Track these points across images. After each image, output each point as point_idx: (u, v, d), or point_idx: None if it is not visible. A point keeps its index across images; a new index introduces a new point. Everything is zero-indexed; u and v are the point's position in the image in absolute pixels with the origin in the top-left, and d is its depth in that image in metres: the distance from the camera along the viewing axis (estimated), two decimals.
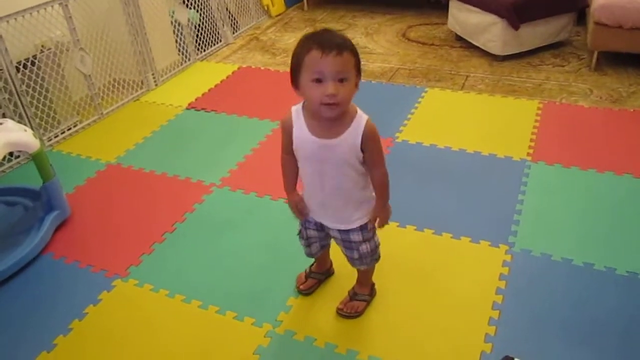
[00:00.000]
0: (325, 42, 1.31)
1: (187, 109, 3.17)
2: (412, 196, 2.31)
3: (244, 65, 3.72)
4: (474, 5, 3.58)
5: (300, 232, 1.74)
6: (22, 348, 1.76)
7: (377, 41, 4.02)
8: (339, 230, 1.61)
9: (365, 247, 1.63)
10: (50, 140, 2.91)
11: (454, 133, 2.73)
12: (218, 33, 4.09)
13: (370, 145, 1.45)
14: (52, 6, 2.82)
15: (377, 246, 1.68)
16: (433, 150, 2.62)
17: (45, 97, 2.85)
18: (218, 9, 4.05)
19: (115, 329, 1.80)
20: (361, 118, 1.45)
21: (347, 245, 1.64)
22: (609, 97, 3.03)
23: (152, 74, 3.45)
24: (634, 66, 3.32)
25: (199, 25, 3.89)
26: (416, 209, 2.23)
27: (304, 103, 1.47)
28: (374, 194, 1.57)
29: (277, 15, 4.71)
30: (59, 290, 2.00)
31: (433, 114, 2.93)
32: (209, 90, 3.37)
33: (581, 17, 3.74)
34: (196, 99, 3.25)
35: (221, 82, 3.47)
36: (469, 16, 3.65)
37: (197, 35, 3.89)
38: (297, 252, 2.02)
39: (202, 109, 3.15)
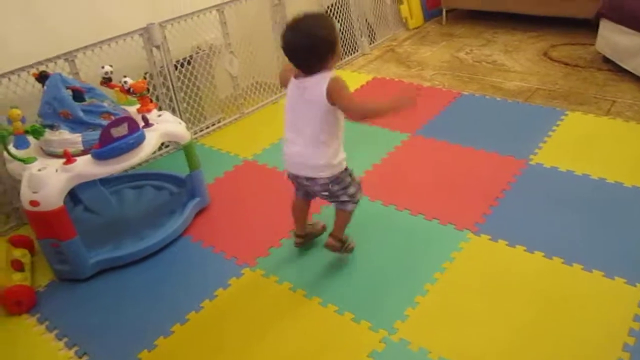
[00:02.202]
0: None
1: None
2: (542, 221, 2.23)
3: (379, 76, 3.79)
4: (628, 27, 3.36)
5: (360, 186, 2.04)
6: (157, 318, 1.96)
7: (517, 59, 3.90)
8: None
9: None
10: (196, 133, 3.17)
11: (594, 160, 2.59)
12: (355, 43, 4.20)
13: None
14: (210, 11, 3.07)
15: None
16: (569, 176, 2.50)
17: (196, 95, 3.12)
18: (357, 19, 4.16)
19: (241, 312, 1.94)
20: None
21: None
22: None
23: None
24: None
25: (339, 33, 4.02)
26: (546, 235, 2.15)
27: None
28: None
29: (414, 28, 4.74)
30: (194, 270, 2.18)
31: (572, 139, 2.80)
32: None
33: None
34: None
35: (355, 90, 3.57)
36: (621, 38, 3.43)
37: None
38: (420, 264, 2.05)
39: None
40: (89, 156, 2.05)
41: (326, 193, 1.97)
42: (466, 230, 2.21)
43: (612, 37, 3.55)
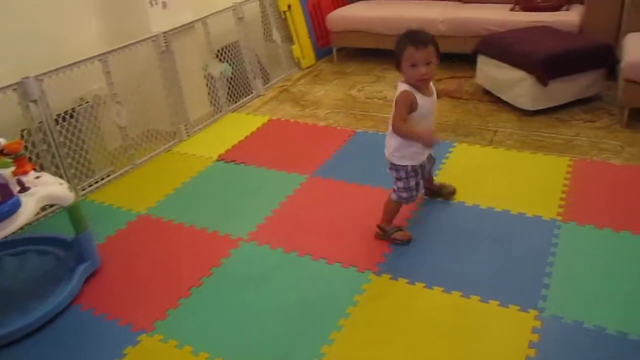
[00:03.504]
0: (416, 40, 2.08)
1: (217, 160, 3.23)
2: (439, 256, 2.29)
3: (274, 117, 3.80)
4: (501, 61, 3.61)
5: (415, 187, 2.34)
6: None
7: None
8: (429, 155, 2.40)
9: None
10: (84, 189, 2.99)
11: (482, 190, 2.71)
12: (249, 85, 4.20)
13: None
14: (92, 62, 2.94)
15: None
16: (460, 208, 2.60)
17: (82, 148, 2.95)
18: (250, 62, 4.16)
19: None
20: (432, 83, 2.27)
21: (429, 158, 2.45)
22: None
23: (185, 125, 3.54)
24: None
25: (231, 77, 4.00)
26: (444, 270, 2.20)
27: (405, 81, 2.18)
28: None
29: (307, 67, 4.82)
30: (85, 343, 2.02)
31: (461, 170, 2.93)
32: (239, 142, 3.44)
33: (611, 71, 3.72)
34: (226, 151, 3.32)
35: (251, 134, 3.54)
36: (498, 71, 3.68)
37: (229, 87, 4.00)
38: (324, 311, 2.02)
39: (232, 161, 3.21)
40: None
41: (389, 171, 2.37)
42: (368, 272, 2.22)
43: (488, 71, 3.80)
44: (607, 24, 3.90)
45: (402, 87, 2.18)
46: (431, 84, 2.25)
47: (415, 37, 2.09)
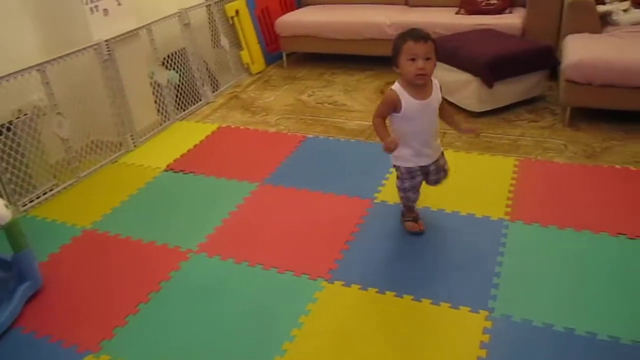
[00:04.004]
0: (415, 35, 2.07)
1: (165, 170, 3.16)
2: (391, 260, 2.30)
3: (224, 125, 3.74)
4: (448, 64, 3.67)
5: (410, 188, 2.34)
6: None
7: (356, 98, 4.08)
8: (434, 162, 2.32)
9: (447, 164, 2.41)
10: (25, 205, 2.86)
11: (433, 193, 2.72)
12: (198, 92, 4.13)
13: (442, 96, 2.24)
14: (29, 72, 2.83)
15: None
16: None
17: (21, 162, 2.83)
18: (198, 68, 4.10)
19: None
20: (436, 81, 2.22)
21: (439, 169, 2.37)
22: (583, 153, 3.08)
23: (131, 135, 3.45)
24: (606, 121, 3.39)
25: (179, 85, 3.93)
26: (396, 274, 2.21)
27: (399, 81, 2.17)
28: None
29: (257, 73, 4.78)
30: None
31: None
32: (188, 151, 3.37)
33: (553, 72, 3.83)
34: (175, 161, 3.25)
35: (200, 142, 3.48)
36: (445, 74, 3.73)
37: (177, 95, 3.92)
38: (276, 322, 1.99)
39: (181, 170, 3.14)
40: None
41: None
42: (320, 279, 2.21)
43: (436, 73, 3.84)
44: (548, 27, 4.02)
45: (394, 85, 2.18)
46: (436, 85, 2.21)
47: (415, 32, 2.09)
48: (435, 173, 2.36)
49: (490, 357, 1.81)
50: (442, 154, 2.39)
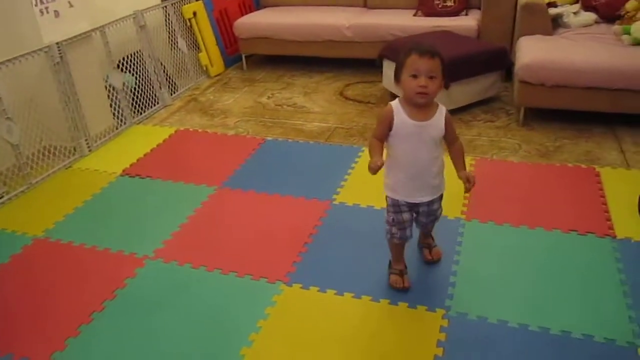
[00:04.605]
0: (421, 49, 1.81)
1: (121, 175, 3.09)
2: (348, 261, 2.30)
3: (182, 128, 3.69)
4: None
5: (393, 223, 2.05)
6: None
7: (315, 100, 4.08)
8: (427, 202, 2.02)
9: (440, 210, 2.12)
10: None
11: None
12: (155, 95, 4.06)
13: (449, 126, 1.95)
14: None
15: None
16: (371, 212, 2.63)
17: None
18: (155, 71, 4.03)
19: None
20: (442, 108, 1.94)
21: (431, 213, 2.08)
22: (537, 152, 3.16)
23: (85, 140, 3.36)
24: (558, 121, 3.48)
25: (135, 88, 3.85)
26: (353, 275, 2.21)
27: (400, 99, 1.92)
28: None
29: (216, 76, 4.73)
30: None
31: (370, 175, 2.95)
32: (145, 155, 3.31)
33: (509, 73, 3.92)
34: (131, 165, 3.18)
35: (157, 146, 3.42)
36: None
37: (134, 99, 3.84)
38: (234, 327, 1.97)
39: (137, 175, 3.08)
40: None
41: None
42: (279, 282, 2.19)
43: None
44: (503, 28, 4.11)
45: (393, 101, 1.93)
46: (440, 111, 1.92)
47: (421, 46, 1.83)
48: (425, 215, 2.08)
49: (447, 355, 1.83)
50: (441, 197, 2.09)
